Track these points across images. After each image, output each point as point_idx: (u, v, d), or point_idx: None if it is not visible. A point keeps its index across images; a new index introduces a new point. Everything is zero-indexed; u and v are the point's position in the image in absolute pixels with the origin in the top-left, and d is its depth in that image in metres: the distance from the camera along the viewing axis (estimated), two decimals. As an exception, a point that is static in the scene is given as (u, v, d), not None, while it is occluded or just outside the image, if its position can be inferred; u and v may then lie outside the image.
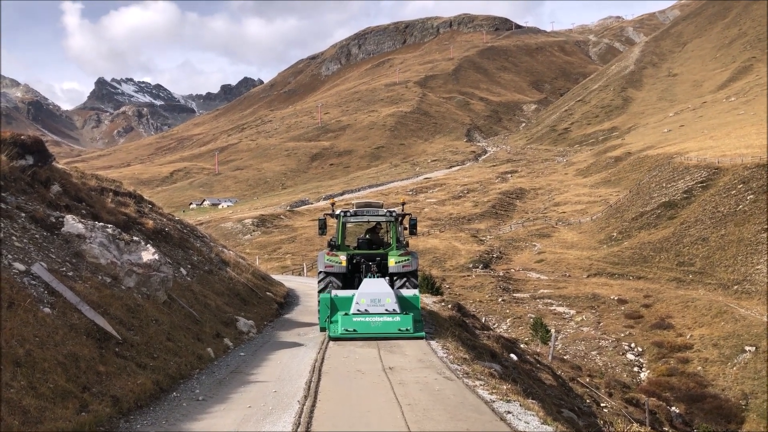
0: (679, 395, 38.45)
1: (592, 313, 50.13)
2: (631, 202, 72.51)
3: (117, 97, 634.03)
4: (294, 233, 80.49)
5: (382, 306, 13.31)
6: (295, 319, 18.10)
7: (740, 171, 63.12)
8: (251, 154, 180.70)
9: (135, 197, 19.29)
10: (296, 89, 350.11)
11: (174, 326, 11.11)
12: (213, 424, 7.07)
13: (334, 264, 15.12)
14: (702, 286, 52.78)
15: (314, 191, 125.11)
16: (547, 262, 63.44)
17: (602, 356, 44.17)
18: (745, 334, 42.64)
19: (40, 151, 12.72)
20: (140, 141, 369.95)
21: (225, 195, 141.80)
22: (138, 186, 27.08)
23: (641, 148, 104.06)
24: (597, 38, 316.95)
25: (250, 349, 12.55)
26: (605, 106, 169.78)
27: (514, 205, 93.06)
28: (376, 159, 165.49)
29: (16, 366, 6.35)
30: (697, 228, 59.59)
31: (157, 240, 16.02)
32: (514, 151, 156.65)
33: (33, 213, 10.80)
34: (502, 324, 48.32)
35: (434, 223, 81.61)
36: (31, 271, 8.74)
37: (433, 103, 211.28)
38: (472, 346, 14.95)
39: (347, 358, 11.11)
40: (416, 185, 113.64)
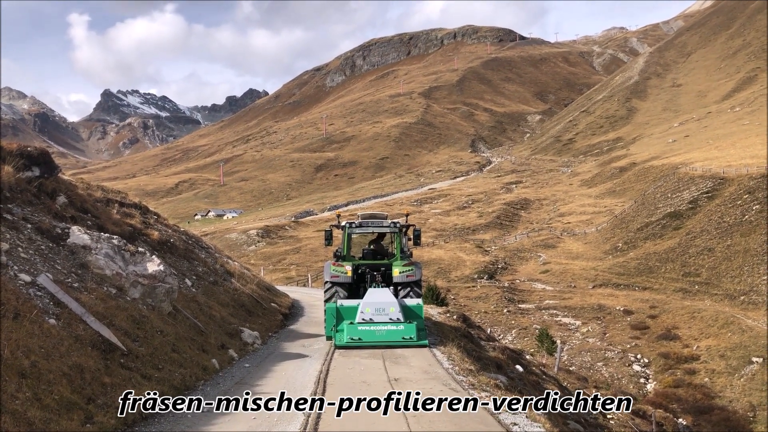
0: (686, 407, 38.17)
1: (597, 324, 49.91)
2: (637, 213, 72.35)
3: (123, 109, 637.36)
4: (299, 244, 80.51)
5: (386, 315, 13.61)
6: (300, 330, 18.06)
7: (746, 181, 62.95)
8: (256, 165, 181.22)
9: (140, 208, 19.34)
10: (301, 101, 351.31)
11: (179, 337, 11.10)
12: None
13: (339, 274, 15.39)
14: (708, 297, 52.52)
15: (319, 202, 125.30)
16: (552, 273, 63.27)
17: (608, 367, 43.93)
18: (752, 345, 42.35)
19: (46, 163, 12.78)
20: (145, 152, 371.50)
21: (230, 206, 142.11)
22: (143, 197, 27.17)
23: (646, 158, 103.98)
24: (601, 49, 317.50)
25: (255, 361, 12.53)
26: (610, 117, 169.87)
27: (519, 215, 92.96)
28: (381, 170, 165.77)
29: (22, 377, 6.35)
30: (702, 238, 59.37)
31: (163, 251, 16.05)
32: (519, 161, 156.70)
33: (39, 224, 10.83)
34: (508, 335, 48.13)
35: (439, 234, 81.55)
36: (37, 282, 8.76)
37: (438, 114, 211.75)
38: (477, 357, 14.89)
39: (352, 370, 11.08)
40: (421, 196, 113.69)
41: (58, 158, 19.76)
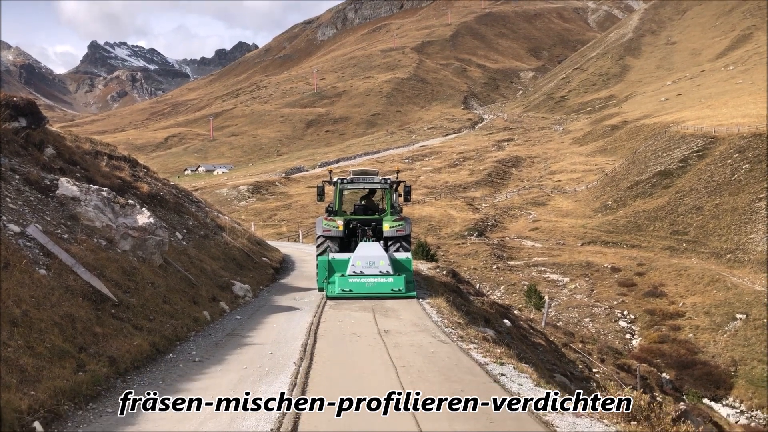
0: (670, 362, 39.02)
1: (585, 281, 50.50)
2: (627, 171, 72.52)
3: (110, 62, 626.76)
4: (289, 200, 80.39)
5: (376, 268, 14.17)
6: (291, 284, 18.18)
7: (736, 140, 63.06)
8: (246, 120, 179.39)
9: (129, 161, 19.19)
10: (291, 54, 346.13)
11: (170, 289, 11.14)
12: (210, 384, 7.13)
13: (331, 228, 15.95)
14: (695, 255, 53.14)
15: (310, 158, 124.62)
16: (541, 230, 63.66)
17: (595, 323, 44.65)
18: (736, 302, 43.11)
19: (32, 113, 12.57)
20: (134, 106, 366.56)
21: (220, 161, 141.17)
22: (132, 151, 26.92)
23: (638, 116, 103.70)
24: (596, 5, 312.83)
25: (246, 313, 12.62)
26: (603, 74, 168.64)
27: (510, 173, 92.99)
28: (372, 126, 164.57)
29: (13, 326, 6.37)
30: (691, 197, 59.74)
31: (153, 204, 15.98)
32: (511, 119, 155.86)
33: (27, 175, 10.73)
34: (496, 291, 48.67)
35: (430, 191, 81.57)
36: (26, 232, 8.72)
37: (430, 69, 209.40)
38: (466, 311, 15.07)
39: (342, 322, 11.20)
40: (412, 153, 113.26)
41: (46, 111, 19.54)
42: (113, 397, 6.48)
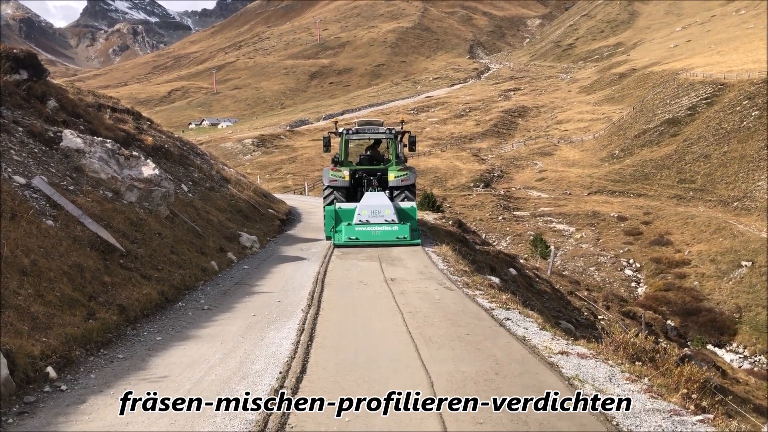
0: (675, 309, 39.32)
1: (591, 230, 50.56)
2: (634, 120, 71.80)
3: (111, 14, 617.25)
4: (294, 153, 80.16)
5: (381, 217, 14.49)
6: (298, 235, 18.25)
7: (746, 87, 62.15)
8: (249, 72, 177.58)
9: (133, 114, 19.08)
10: (293, 4, 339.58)
11: (177, 240, 11.21)
12: (219, 330, 7.22)
13: (338, 179, 16.26)
14: (702, 203, 52.98)
15: (314, 111, 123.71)
16: (548, 181, 63.47)
17: (601, 272, 44.88)
18: (742, 250, 43.16)
19: (33, 65, 12.46)
20: (136, 60, 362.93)
21: (224, 115, 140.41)
22: (136, 105, 26.75)
23: (646, 64, 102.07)
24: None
25: (253, 263, 12.71)
26: (611, 21, 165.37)
27: (516, 123, 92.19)
28: (377, 77, 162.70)
29: (23, 275, 6.43)
30: (699, 145, 59.24)
31: (157, 156, 15.95)
32: (518, 68, 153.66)
33: (30, 127, 10.69)
34: (502, 241, 48.81)
35: (435, 143, 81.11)
36: (32, 184, 8.73)
37: (435, 18, 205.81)
38: (472, 260, 15.13)
39: (349, 271, 11.27)
40: (417, 104, 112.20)
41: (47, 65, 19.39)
42: (123, 344, 6.59)
